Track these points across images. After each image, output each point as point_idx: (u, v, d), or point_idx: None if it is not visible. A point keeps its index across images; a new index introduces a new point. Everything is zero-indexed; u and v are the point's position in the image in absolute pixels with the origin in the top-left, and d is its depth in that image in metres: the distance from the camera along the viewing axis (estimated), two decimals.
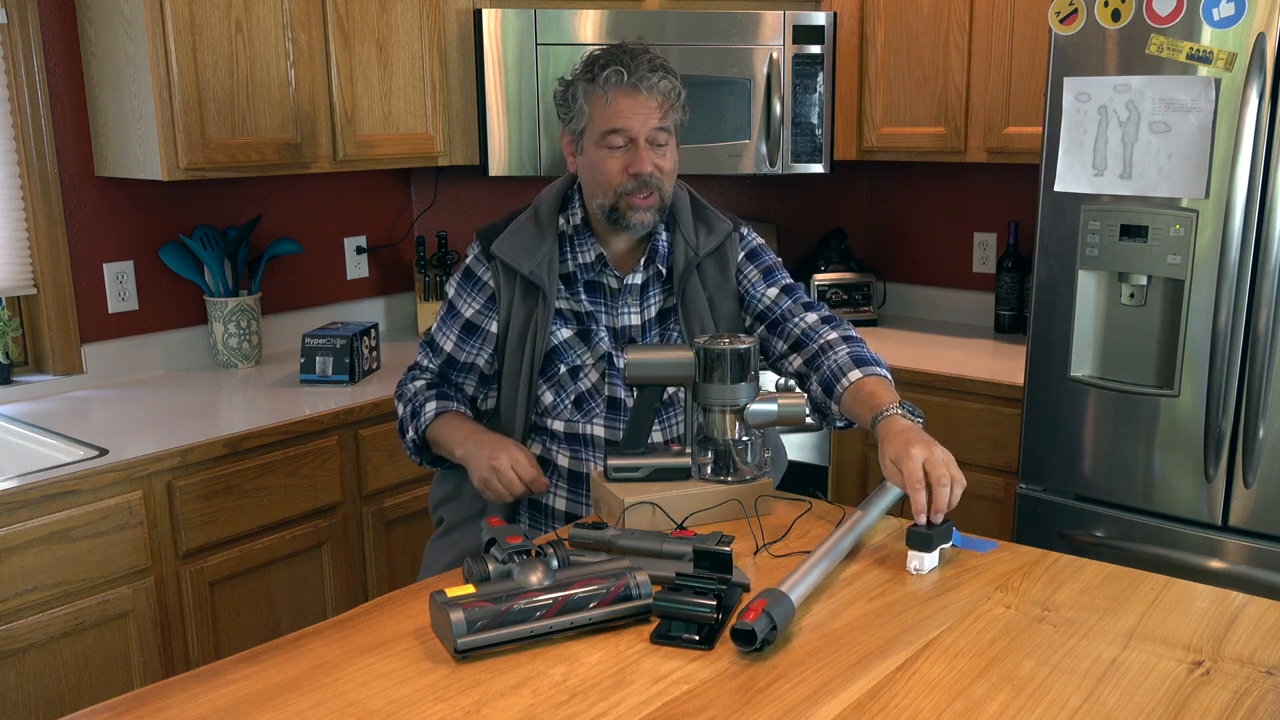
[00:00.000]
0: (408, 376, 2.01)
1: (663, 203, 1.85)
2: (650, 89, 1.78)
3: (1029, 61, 2.85)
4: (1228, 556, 2.27)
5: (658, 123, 1.80)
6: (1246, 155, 2.12)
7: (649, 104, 1.79)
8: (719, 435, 1.72)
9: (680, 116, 1.86)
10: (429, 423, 1.90)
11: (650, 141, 1.80)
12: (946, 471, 1.52)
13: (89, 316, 2.76)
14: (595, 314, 1.88)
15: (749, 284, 1.95)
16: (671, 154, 1.85)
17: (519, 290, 1.87)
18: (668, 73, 1.82)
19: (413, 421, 1.93)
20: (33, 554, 2.05)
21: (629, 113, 1.78)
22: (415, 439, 1.92)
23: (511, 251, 1.86)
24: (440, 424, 1.89)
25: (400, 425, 1.98)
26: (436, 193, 3.46)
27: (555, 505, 1.90)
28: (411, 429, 1.93)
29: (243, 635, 2.42)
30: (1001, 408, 2.72)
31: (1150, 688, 1.23)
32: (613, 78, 1.78)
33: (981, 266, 3.45)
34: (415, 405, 1.94)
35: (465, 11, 2.99)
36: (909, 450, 1.54)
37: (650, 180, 1.80)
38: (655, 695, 1.23)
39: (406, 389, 1.99)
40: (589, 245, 1.88)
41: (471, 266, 1.93)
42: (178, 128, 2.51)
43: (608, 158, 1.81)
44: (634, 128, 1.79)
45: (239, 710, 1.21)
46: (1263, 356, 2.16)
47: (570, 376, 1.87)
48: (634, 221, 1.82)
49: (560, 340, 1.87)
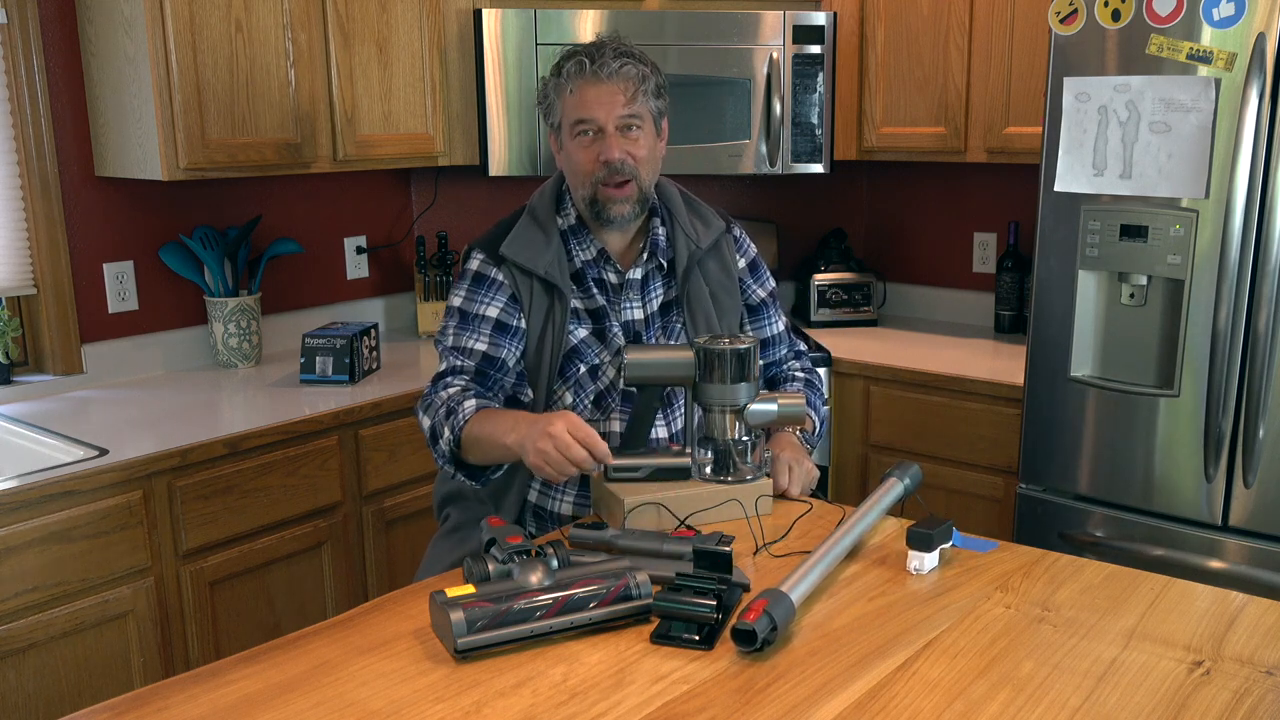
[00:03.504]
0: (436, 386, 1.84)
1: (641, 193, 1.83)
2: (612, 75, 1.78)
3: (1029, 61, 2.85)
4: (1228, 556, 2.27)
5: (623, 109, 1.79)
6: (1246, 155, 2.12)
7: (613, 91, 1.78)
8: (719, 435, 1.72)
9: (656, 104, 1.84)
10: (468, 418, 1.73)
11: (620, 129, 1.80)
12: (799, 466, 1.85)
13: (89, 316, 2.76)
14: (608, 309, 1.88)
15: (752, 301, 2.04)
16: (646, 141, 1.83)
17: (536, 291, 1.85)
18: (632, 58, 1.80)
19: (448, 420, 1.75)
20: (33, 554, 2.05)
21: (593, 102, 1.78)
22: (452, 439, 1.74)
23: (522, 252, 1.84)
24: (480, 419, 1.73)
25: (431, 433, 1.79)
26: (436, 193, 3.46)
27: (561, 510, 1.88)
28: (447, 429, 1.75)
29: (243, 635, 2.42)
30: (1001, 408, 2.72)
31: (1150, 688, 1.23)
32: (573, 68, 1.79)
33: (981, 266, 3.45)
34: (450, 404, 1.77)
35: (465, 11, 2.99)
36: (780, 455, 1.86)
37: (622, 167, 1.79)
38: (655, 695, 1.23)
39: (435, 397, 1.81)
40: (588, 242, 1.88)
41: (481, 270, 1.88)
42: (178, 128, 2.51)
43: (579, 148, 1.81)
44: (599, 116, 1.78)
45: (239, 710, 1.21)
46: (1263, 356, 2.16)
47: (590, 376, 1.86)
48: (614, 214, 1.82)
49: (579, 340, 1.86)
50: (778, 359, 2.07)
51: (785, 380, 2.06)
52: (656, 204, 1.92)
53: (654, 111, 1.84)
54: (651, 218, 1.91)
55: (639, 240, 1.91)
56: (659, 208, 1.92)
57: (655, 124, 1.86)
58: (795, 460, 1.84)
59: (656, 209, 1.92)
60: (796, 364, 2.09)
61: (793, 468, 1.83)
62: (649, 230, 1.90)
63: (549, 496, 1.88)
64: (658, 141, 1.87)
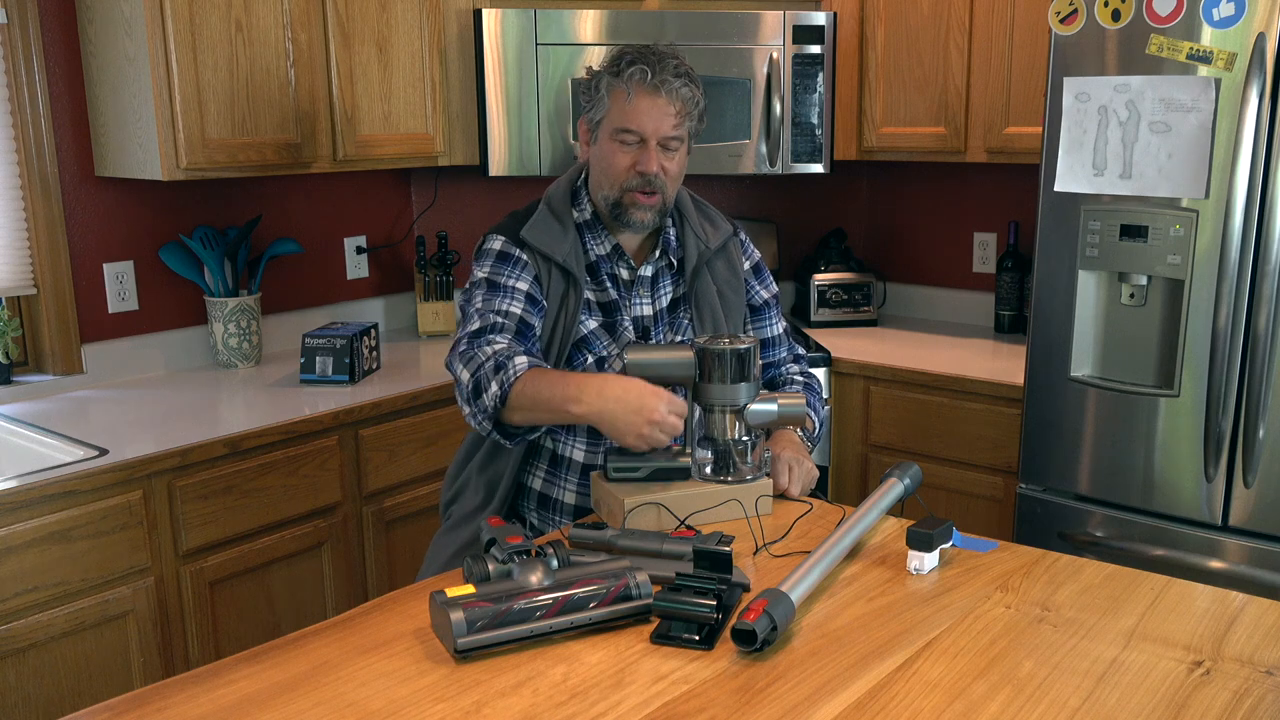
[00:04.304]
0: (476, 341, 1.75)
1: (664, 205, 1.88)
2: (671, 93, 1.80)
3: (1029, 61, 2.85)
4: (1228, 556, 2.27)
5: (672, 127, 1.82)
6: (1246, 155, 2.12)
7: (667, 107, 1.81)
8: (719, 435, 1.72)
9: (695, 125, 1.88)
10: (520, 374, 1.67)
11: (661, 144, 1.83)
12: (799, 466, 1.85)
13: (89, 316, 2.76)
14: (620, 303, 1.90)
15: (755, 302, 2.05)
16: (680, 160, 1.87)
17: (554, 277, 1.87)
18: (691, 81, 1.84)
19: (496, 375, 1.68)
20: (33, 554, 2.05)
21: (646, 112, 1.80)
22: (500, 394, 1.67)
23: (543, 239, 1.86)
24: (534, 378, 1.67)
25: (475, 387, 1.70)
26: (436, 193, 3.46)
27: (564, 499, 1.90)
28: (495, 384, 1.67)
29: (243, 635, 2.42)
30: (1001, 408, 2.72)
31: (1150, 688, 1.23)
32: (636, 75, 1.80)
33: (981, 266, 3.45)
34: (499, 359, 1.70)
35: (465, 11, 2.99)
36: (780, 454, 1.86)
37: (655, 180, 1.82)
38: (655, 695, 1.23)
39: (479, 351, 1.73)
40: (604, 237, 1.91)
41: (505, 250, 1.87)
42: (177, 128, 2.51)
43: (618, 151, 1.83)
44: (648, 128, 1.81)
45: (239, 710, 1.21)
46: (1263, 356, 2.16)
47: (596, 367, 1.88)
48: (634, 218, 1.85)
49: (589, 330, 1.88)
50: (776, 361, 2.08)
51: (784, 383, 2.08)
52: None
53: (692, 133, 1.89)
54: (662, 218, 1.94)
55: (651, 239, 1.94)
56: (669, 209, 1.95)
57: (689, 145, 1.90)
58: (795, 460, 1.85)
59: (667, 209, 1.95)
60: (795, 367, 2.10)
61: (793, 467, 1.83)
62: (661, 229, 1.93)
63: (554, 485, 1.90)
64: (686, 159, 1.91)
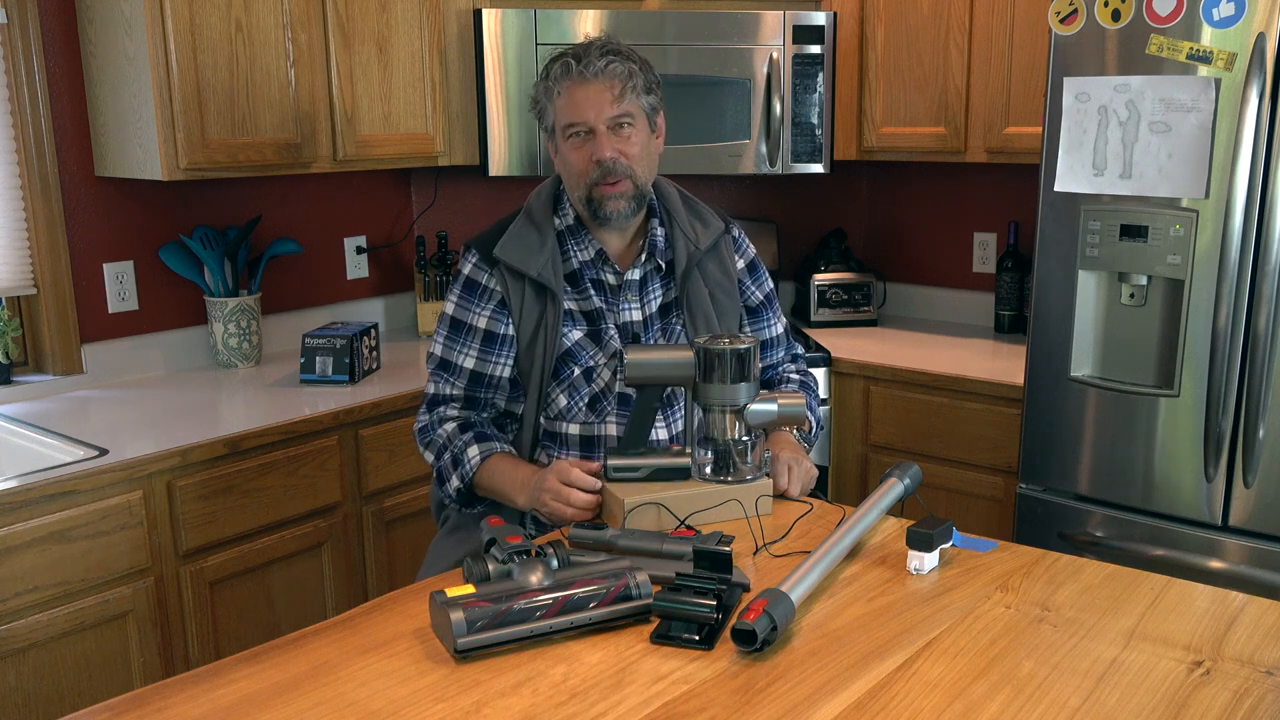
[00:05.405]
0: (432, 418, 1.92)
1: (637, 189, 1.83)
2: (599, 74, 1.77)
3: (1029, 61, 2.85)
4: (1228, 556, 2.27)
5: (612, 105, 1.78)
6: (1246, 155, 2.12)
7: (602, 90, 1.78)
8: (719, 435, 1.72)
9: (647, 100, 1.83)
10: (475, 469, 1.83)
11: (611, 128, 1.79)
12: (799, 466, 1.84)
13: (89, 316, 2.76)
14: (604, 311, 1.88)
15: (751, 303, 2.03)
16: (639, 139, 1.82)
17: (527, 294, 1.85)
18: (619, 56, 1.80)
19: (455, 470, 1.85)
20: (33, 554, 2.05)
21: (582, 103, 1.78)
22: (460, 488, 1.85)
23: (515, 254, 1.85)
24: (488, 473, 1.83)
25: (439, 474, 1.90)
26: (436, 193, 3.46)
27: None
28: (456, 478, 1.85)
29: (243, 635, 2.42)
30: (1001, 408, 2.72)
31: (1150, 688, 1.23)
32: (560, 71, 1.79)
33: (981, 266, 3.45)
34: (454, 452, 1.86)
35: (465, 11, 2.99)
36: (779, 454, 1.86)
37: (616, 166, 1.79)
38: (655, 695, 1.23)
39: (436, 435, 1.90)
40: (587, 242, 1.88)
41: (472, 276, 1.89)
42: (177, 128, 2.51)
43: (573, 149, 1.81)
44: (589, 115, 1.78)
45: (239, 710, 1.21)
46: (1263, 356, 2.16)
47: (584, 378, 1.86)
48: (610, 210, 1.81)
49: (573, 342, 1.86)
50: (775, 361, 2.07)
51: (781, 383, 2.07)
52: (655, 204, 1.92)
53: (646, 108, 1.84)
54: (650, 218, 1.91)
55: (638, 241, 1.91)
56: (657, 208, 1.92)
57: (649, 121, 1.85)
58: (795, 460, 1.85)
59: (655, 209, 1.92)
60: (792, 366, 2.10)
61: (792, 467, 1.83)
62: (648, 231, 1.90)
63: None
64: (652, 138, 1.87)
